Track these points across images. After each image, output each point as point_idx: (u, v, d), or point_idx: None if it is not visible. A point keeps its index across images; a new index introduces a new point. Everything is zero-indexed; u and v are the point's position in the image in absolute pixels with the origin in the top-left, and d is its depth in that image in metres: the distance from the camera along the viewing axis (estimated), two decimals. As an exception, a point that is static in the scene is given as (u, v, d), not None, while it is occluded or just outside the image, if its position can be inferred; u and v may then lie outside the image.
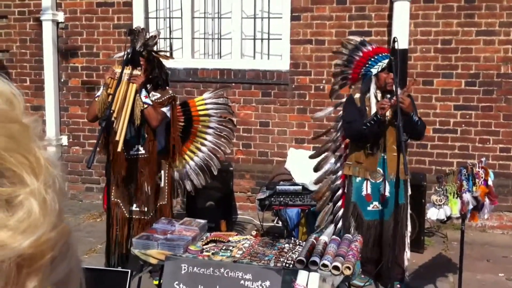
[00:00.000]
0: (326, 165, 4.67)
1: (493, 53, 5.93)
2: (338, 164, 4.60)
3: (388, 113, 4.22)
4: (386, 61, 4.25)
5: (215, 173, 4.88)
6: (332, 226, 4.15)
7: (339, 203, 4.58)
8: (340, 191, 4.59)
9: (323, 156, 4.70)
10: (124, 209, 4.53)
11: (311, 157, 4.74)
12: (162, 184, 4.58)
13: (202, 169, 4.84)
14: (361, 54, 4.38)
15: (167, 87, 4.63)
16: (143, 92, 4.35)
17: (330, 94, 4.67)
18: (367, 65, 4.34)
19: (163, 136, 4.60)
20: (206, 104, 4.90)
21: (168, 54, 4.78)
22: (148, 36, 4.52)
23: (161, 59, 4.59)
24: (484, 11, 5.90)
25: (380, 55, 4.31)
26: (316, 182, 4.74)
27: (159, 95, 4.48)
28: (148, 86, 4.49)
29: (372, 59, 4.31)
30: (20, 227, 0.46)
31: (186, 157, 4.82)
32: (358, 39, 4.51)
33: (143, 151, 4.46)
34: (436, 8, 6.00)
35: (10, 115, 0.50)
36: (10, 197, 0.47)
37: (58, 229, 0.49)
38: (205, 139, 4.86)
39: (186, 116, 4.84)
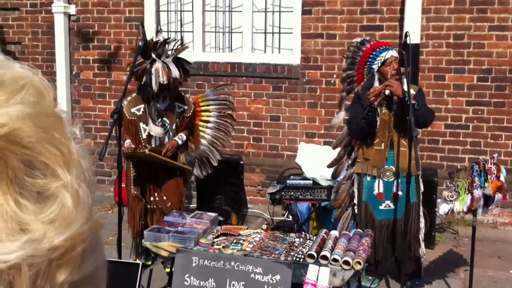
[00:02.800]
0: (343, 171, 4.59)
1: (506, 48, 5.89)
2: (354, 168, 4.50)
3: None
4: (385, 53, 4.22)
5: (215, 164, 4.99)
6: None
7: None
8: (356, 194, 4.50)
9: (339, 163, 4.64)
10: (145, 200, 4.64)
11: (329, 166, 4.64)
12: (178, 173, 4.72)
13: (202, 162, 4.96)
14: (361, 53, 4.35)
15: (186, 95, 4.87)
16: (178, 140, 4.61)
17: (340, 103, 4.59)
18: (368, 63, 4.31)
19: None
20: (207, 100, 5.02)
21: (185, 46, 4.87)
22: (172, 45, 4.59)
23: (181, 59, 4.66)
24: (497, 6, 5.85)
25: (378, 49, 4.28)
26: (336, 191, 4.65)
27: (185, 107, 4.68)
28: (167, 99, 4.59)
29: (371, 56, 4.28)
30: (54, 221, 0.46)
31: (188, 150, 4.94)
32: (359, 39, 4.47)
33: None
34: (448, 2, 5.96)
35: (44, 106, 0.49)
36: (43, 189, 0.46)
37: (90, 223, 0.49)
38: (205, 133, 4.97)
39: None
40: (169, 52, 4.58)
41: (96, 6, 6.98)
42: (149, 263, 4.11)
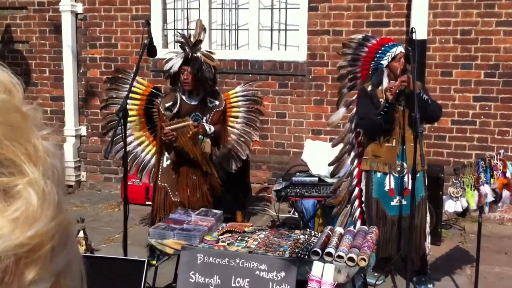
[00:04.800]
0: (343, 168, 4.57)
1: (514, 44, 5.85)
2: (354, 164, 4.48)
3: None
4: (394, 49, 4.21)
5: (244, 157, 5.13)
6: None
7: (356, 203, 4.49)
8: (356, 191, 4.49)
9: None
10: (171, 194, 4.68)
11: (330, 164, 4.63)
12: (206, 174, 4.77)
13: (232, 156, 5.07)
14: (366, 49, 4.30)
15: (218, 91, 4.93)
16: (206, 126, 4.61)
17: (338, 100, 4.55)
18: (375, 59, 4.27)
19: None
20: (237, 96, 5.13)
21: (213, 55, 4.85)
22: (194, 39, 4.62)
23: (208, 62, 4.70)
24: (504, 1, 5.81)
25: (386, 45, 4.26)
26: (335, 188, 4.62)
27: (216, 102, 4.75)
28: (202, 92, 4.66)
29: (380, 51, 4.24)
30: (19, 218, 0.46)
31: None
32: (360, 36, 4.44)
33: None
34: (455, -2, 5.93)
35: (10, 104, 0.49)
36: (8, 186, 0.46)
37: (57, 220, 0.49)
38: (234, 128, 5.09)
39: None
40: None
41: (103, 5, 7.01)
42: (154, 262, 4.12)
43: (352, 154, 4.48)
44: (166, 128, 4.46)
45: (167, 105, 4.64)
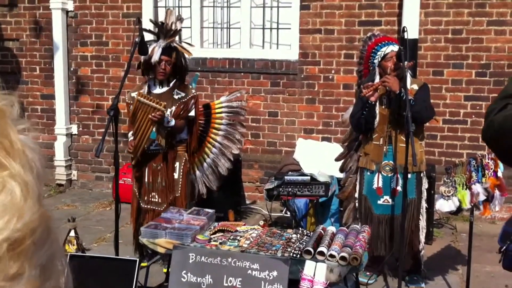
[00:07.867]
0: (350, 164, 4.60)
1: (504, 43, 5.87)
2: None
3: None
4: (385, 48, 4.24)
5: (224, 173, 4.94)
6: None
7: None
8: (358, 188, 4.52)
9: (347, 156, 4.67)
10: (140, 199, 4.58)
11: (337, 159, 4.67)
12: (176, 176, 4.56)
13: (213, 170, 4.91)
14: (366, 48, 4.42)
15: (190, 85, 4.73)
16: (166, 117, 4.35)
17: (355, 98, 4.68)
18: (371, 58, 4.37)
19: (185, 128, 4.63)
20: (222, 107, 4.99)
21: (190, 48, 4.76)
22: (173, 28, 4.51)
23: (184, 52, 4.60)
24: (495, 1, 5.84)
25: (379, 44, 4.32)
26: (343, 183, 4.67)
27: (183, 94, 4.53)
28: (172, 82, 4.54)
29: (373, 51, 4.33)
30: (3, 211, 0.45)
31: (201, 158, 4.87)
32: (369, 34, 4.55)
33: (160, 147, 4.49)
34: (447, -3, 5.94)
35: None
36: None
37: (38, 214, 0.48)
38: (215, 141, 4.93)
39: (206, 117, 4.90)
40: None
41: (94, 2, 6.97)
42: (145, 264, 4.09)
43: (359, 151, 4.52)
44: (138, 97, 4.27)
45: (132, 94, 4.45)
